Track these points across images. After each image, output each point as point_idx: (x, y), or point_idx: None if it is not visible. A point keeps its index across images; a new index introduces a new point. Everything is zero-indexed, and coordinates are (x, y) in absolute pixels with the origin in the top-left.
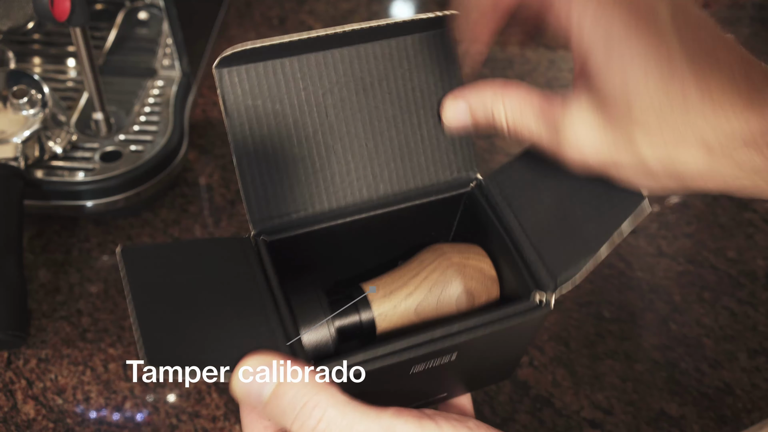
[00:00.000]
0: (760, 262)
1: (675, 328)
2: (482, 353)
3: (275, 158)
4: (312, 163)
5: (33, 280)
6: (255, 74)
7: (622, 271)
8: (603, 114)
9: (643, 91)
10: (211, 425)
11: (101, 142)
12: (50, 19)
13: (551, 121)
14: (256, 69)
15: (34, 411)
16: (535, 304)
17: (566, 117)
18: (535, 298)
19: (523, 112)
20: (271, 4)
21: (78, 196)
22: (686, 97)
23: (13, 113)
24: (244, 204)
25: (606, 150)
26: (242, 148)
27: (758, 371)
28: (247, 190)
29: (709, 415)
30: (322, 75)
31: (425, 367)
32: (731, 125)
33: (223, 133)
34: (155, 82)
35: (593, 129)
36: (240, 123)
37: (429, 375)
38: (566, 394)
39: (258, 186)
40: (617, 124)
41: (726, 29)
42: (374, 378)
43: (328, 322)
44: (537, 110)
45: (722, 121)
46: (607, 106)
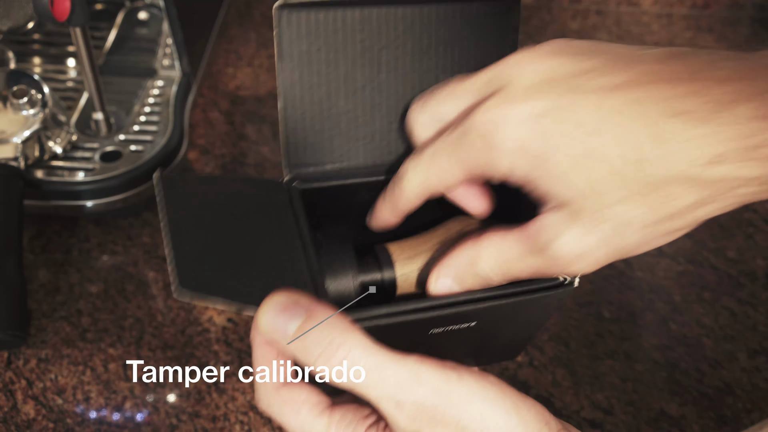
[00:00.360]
0: (760, 262)
1: (675, 328)
2: (501, 324)
3: (320, 107)
4: (355, 117)
5: (33, 280)
6: (315, 20)
7: (622, 271)
8: (580, 217)
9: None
10: (211, 425)
11: (101, 142)
12: (50, 19)
13: (539, 252)
14: (317, 15)
15: (34, 411)
16: (560, 281)
17: (554, 241)
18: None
19: (508, 260)
20: (271, 4)
21: (78, 196)
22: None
23: (13, 113)
24: (282, 148)
25: (603, 247)
26: (289, 93)
27: (758, 371)
28: (287, 134)
29: (709, 415)
30: (381, 30)
31: (443, 330)
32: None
33: (223, 133)
34: (155, 82)
35: (582, 236)
36: (291, 67)
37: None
38: (566, 394)
39: (298, 132)
40: (598, 218)
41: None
42: (393, 333)
43: (353, 274)
44: (520, 251)
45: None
46: (580, 209)
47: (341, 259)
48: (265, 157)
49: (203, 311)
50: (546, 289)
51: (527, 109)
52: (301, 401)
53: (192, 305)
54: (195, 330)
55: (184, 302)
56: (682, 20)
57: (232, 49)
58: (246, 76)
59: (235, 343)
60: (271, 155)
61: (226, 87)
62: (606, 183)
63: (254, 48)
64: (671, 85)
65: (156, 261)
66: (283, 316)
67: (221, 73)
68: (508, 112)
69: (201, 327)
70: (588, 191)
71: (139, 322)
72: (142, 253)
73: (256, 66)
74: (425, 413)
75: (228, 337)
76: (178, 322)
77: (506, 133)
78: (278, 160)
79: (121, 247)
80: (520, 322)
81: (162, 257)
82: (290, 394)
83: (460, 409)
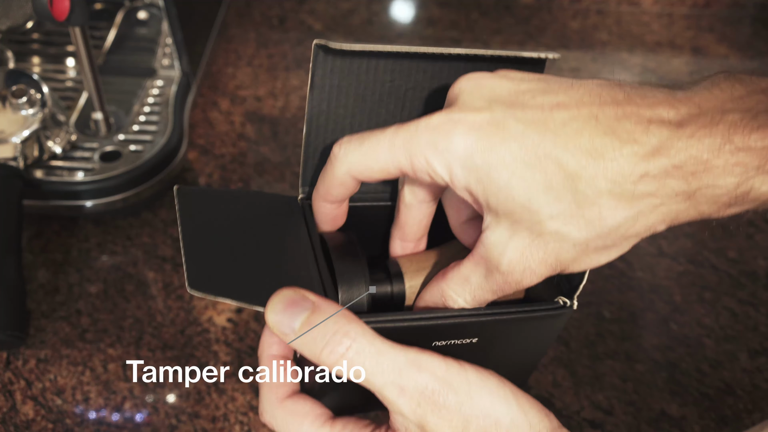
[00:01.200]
0: (760, 262)
1: (675, 329)
2: (502, 344)
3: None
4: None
5: (32, 281)
6: (349, 62)
7: (623, 271)
8: (520, 230)
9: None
10: (211, 425)
11: (101, 142)
12: (49, 19)
13: (495, 271)
14: (351, 60)
15: (33, 411)
16: (560, 305)
17: (502, 257)
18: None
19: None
20: (271, 4)
21: (77, 196)
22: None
23: (12, 113)
24: (301, 168)
25: (543, 262)
26: (315, 120)
27: (759, 372)
28: (307, 157)
29: (709, 416)
30: (410, 74)
31: (446, 344)
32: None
33: (222, 133)
34: (155, 81)
35: (524, 249)
36: (321, 98)
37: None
38: (567, 394)
39: (318, 155)
40: (536, 231)
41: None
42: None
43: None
44: (479, 276)
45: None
46: (519, 220)
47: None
48: (264, 157)
49: (203, 311)
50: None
51: (473, 119)
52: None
53: (191, 305)
54: (195, 330)
55: (184, 302)
56: (683, 20)
57: (231, 48)
58: (246, 75)
59: (235, 344)
60: (270, 155)
61: (225, 87)
62: (542, 197)
63: (254, 48)
64: (606, 107)
65: (155, 261)
66: (290, 310)
67: (221, 72)
68: (456, 121)
69: (201, 327)
70: (526, 204)
71: (138, 322)
72: (141, 253)
73: (255, 66)
74: (428, 399)
75: (228, 338)
76: (177, 322)
77: (452, 140)
78: (278, 160)
79: (120, 247)
80: (520, 344)
81: (161, 257)
82: (294, 406)
83: (462, 396)
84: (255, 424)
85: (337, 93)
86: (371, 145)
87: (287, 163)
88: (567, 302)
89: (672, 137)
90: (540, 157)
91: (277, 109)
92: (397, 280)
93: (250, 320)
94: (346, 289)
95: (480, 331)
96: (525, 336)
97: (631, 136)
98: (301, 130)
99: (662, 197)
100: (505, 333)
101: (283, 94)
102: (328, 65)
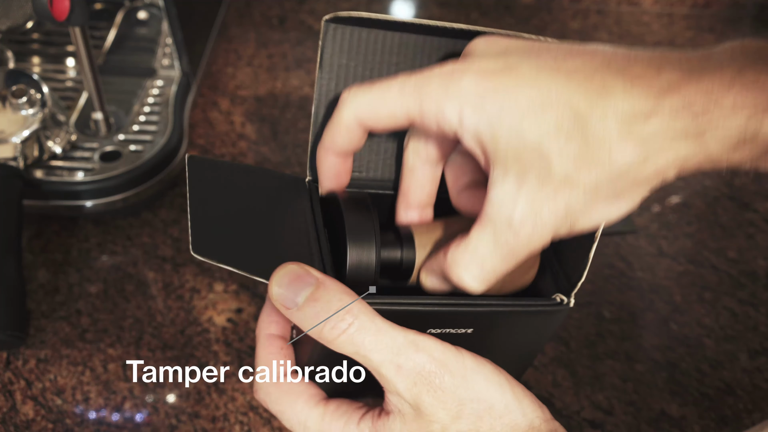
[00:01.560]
0: (761, 263)
1: (675, 329)
2: (497, 338)
3: None
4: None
5: (32, 280)
6: (357, 37)
7: (623, 271)
8: (527, 179)
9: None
10: (211, 425)
11: (101, 142)
12: (49, 19)
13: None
14: (360, 33)
15: (33, 411)
16: (557, 301)
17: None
18: (557, 297)
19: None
20: (271, 4)
21: (77, 196)
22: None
23: (12, 113)
24: (309, 151)
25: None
26: (323, 100)
27: (759, 372)
28: (315, 138)
29: (709, 416)
30: (416, 56)
31: (441, 331)
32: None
33: (222, 133)
34: (155, 81)
35: (533, 200)
36: (329, 78)
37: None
38: (567, 394)
39: None
40: (544, 178)
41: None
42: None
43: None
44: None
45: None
46: (527, 169)
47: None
48: (264, 157)
49: (203, 311)
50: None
51: (487, 65)
52: (298, 393)
53: (191, 305)
54: (195, 330)
55: (184, 302)
56: (683, 20)
57: (231, 48)
58: (246, 75)
59: (235, 344)
60: (270, 155)
61: (225, 87)
62: (552, 139)
63: (254, 48)
64: (619, 55)
65: (156, 261)
66: (295, 284)
67: (221, 72)
68: (469, 66)
69: (201, 327)
70: (537, 147)
71: (138, 322)
72: (141, 253)
73: (255, 66)
74: (424, 379)
75: (228, 338)
76: (177, 322)
77: (463, 83)
78: (278, 160)
79: (120, 247)
80: (516, 340)
81: (161, 257)
82: (288, 386)
83: (457, 379)
84: (255, 424)
85: (345, 73)
86: (381, 89)
87: (287, 163)
88: (564, 299)
89: (682, 79)
90: (552, 99)
91: (277, 109)
92: (407, 245)
93: (250, 320)
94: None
95: (475, 321)
96: (520, 331)
97: (642, 77)
98: (302, 130)
99: (671, 138)
100: (501, 326)
101: (283, 94)
102: (336, 43)
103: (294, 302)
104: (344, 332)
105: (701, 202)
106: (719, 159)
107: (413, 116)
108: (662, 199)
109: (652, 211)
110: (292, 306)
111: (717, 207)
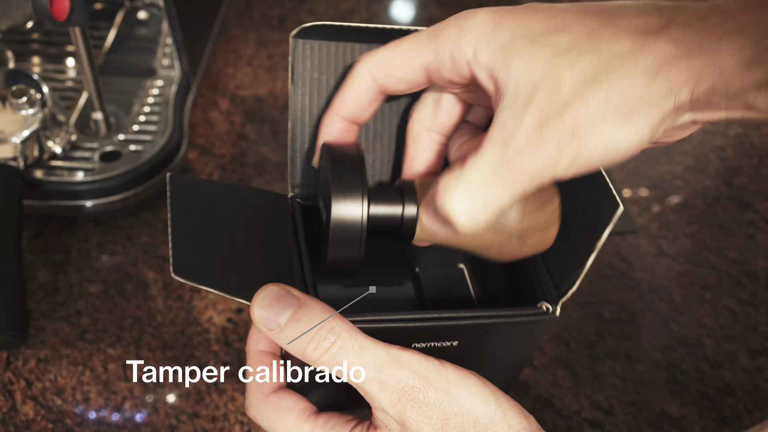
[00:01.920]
0: (761, 262)
1: (675, 329)
2: (483, 350)
3: None
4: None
5: (32, 281)
6: (326, 51)
7: (623, 271)
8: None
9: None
10: (211, 425)
11: (101, 142)
12: (49, 19)
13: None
14: (329, 46)
15: (33, 411)
16: (542, 311)
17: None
18: (542, 306)
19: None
20: (271, 4)
21: (77, 196)
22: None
23: (12, 113)
24: (288, 167)
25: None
26: (298, 116)
27: (759, 372)
28: (294, 155)
29: (709, 416)
30: None
31: (426, 345)
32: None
33: (222, 133)
34: (155, 81)
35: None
36: (302, 92)
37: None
38: (567, 394)
39: (304, 153)
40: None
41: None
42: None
43: (364, 199)
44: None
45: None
46: (536, 92)
47: (351, 174)
48: (264, 157)
49: (203, 311)
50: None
51: (494, 9)
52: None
53: (191, 305)
54: (195, 330)
55: (184, 302)
56: None
57: (231, 48)
58: (246, 75)
59: (235, 344)
60: (270, 155)
61: (225, 87)
62: (564, 57)
63: (254, 48)
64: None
65: (155, 261)
66: (276, 305)
67: (221, 72)
68: (479, 10)
69: (201, 327)
70: (549, 67)
71: (138, 322)
72: (141, 253)
73: (255, 66)
74: (408, 395)
75: (228, 338)
76: (177, 322)
77: (477, 18)
78: (278, 160)
79: (120, 247)
80: (502, 350)
81: (161, 257)
82: (278, 401)
83: (441, 393)
84: (255, 424)
85: (318, 87)
86: (394, 45)
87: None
88: (549, 308)
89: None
90: (566, 22)
91: (277, 109)
92: (409, 199)
93: (250, 320)
94: (339, 203)
95: (460, 334)
96: (506, 341)
97: (657, 3)
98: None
99: (684, 52)
100: (486, 337)
101: (283, 94)
102: (307, 58)
103: (276, 323)
104: (327, 351)
105: (701, 202)
106: (733, 80)
107: (428, 65)
108: (662, 199)
109: (652, 211)
110: (274, 327)
111: (717, 207)
